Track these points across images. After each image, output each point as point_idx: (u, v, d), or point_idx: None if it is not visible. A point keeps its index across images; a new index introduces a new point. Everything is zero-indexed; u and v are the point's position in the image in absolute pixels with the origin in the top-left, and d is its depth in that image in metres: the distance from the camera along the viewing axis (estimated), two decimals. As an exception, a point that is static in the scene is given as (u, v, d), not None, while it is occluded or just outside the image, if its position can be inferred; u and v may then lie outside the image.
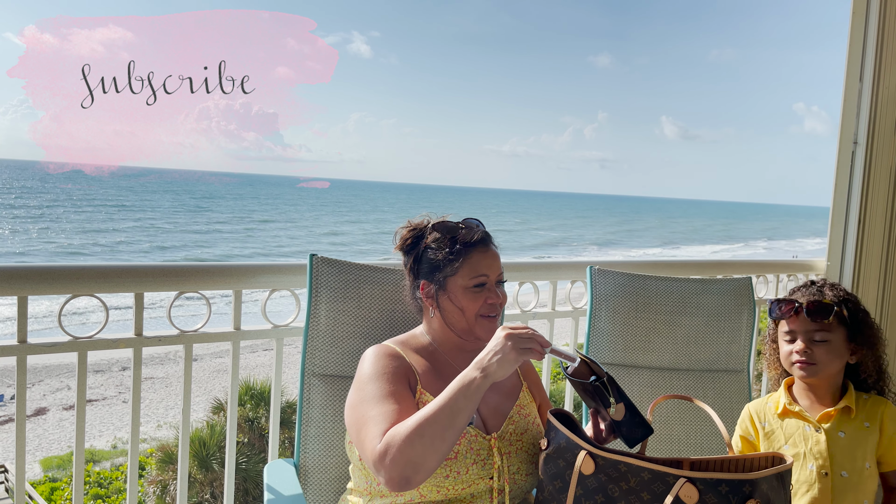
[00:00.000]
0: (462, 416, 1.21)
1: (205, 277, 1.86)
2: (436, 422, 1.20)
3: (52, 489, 10.95)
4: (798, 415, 1.62)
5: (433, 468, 1.21)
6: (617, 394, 1.29)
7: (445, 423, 1.20)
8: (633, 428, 1.30)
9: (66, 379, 15.97)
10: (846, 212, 3.07)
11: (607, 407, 1.30)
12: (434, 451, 1.20)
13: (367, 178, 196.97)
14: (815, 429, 1.58)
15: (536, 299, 2.38)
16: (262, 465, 8.49)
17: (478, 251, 1.47)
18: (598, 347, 2.11)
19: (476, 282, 1.46)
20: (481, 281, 1.46)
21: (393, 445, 1.21)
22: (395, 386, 1.36)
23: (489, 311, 1.47)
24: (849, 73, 3.00)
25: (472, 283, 1.45)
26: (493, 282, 1.48)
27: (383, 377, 1.37)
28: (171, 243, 36.39)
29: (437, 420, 1.20)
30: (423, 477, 1.21)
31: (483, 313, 1.46)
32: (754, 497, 1.12)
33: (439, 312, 1.49)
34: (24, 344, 1.66)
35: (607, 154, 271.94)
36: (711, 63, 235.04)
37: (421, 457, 1.19)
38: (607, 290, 2.13)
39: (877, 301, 3.20)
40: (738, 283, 2.24)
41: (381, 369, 1.39)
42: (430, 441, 1.19)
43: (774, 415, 1.66)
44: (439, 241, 1.49)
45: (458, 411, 1.21)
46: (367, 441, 1.27)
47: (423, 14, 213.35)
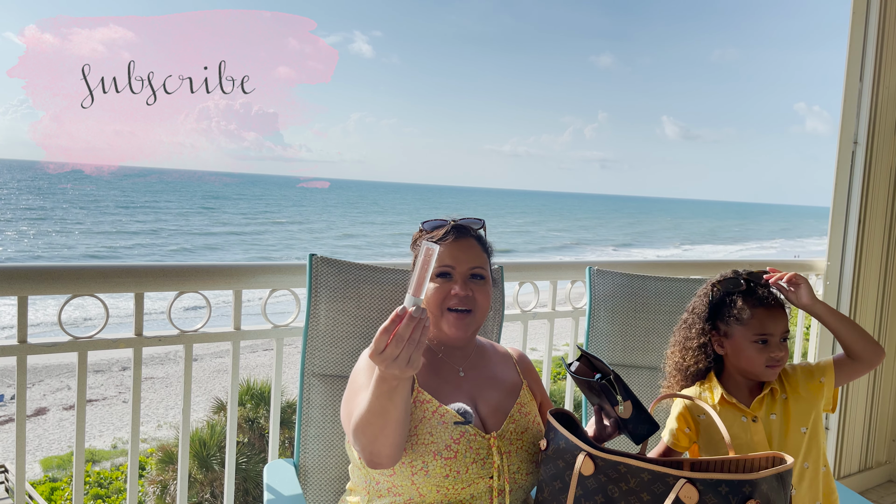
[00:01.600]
0: (391, 413, 1.17)
1: (205, 277, 1.86)
2: (369, 424, 1.20)
3: (52, 489, 10.95)
4: (735, 406, 1.57)
5: (392, 454, 1.25)
6: (624, 391, 1.29)
7: (379, 424, 1.19)
8: (639, 424, 1.30)
9: (66, 379, 15.97)
10: (846, 212, 3.08)
11: (614, 405, 1.29)
12: (383, 444, 1.22)
13: (367, 178, 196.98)
14: (751, 419, 1.55)
15: (536, 299, 2.38)
16: (262, 465, 8.50)
17: (446, 243, 1.45)
18: (598, 348, 2.11)
19: (438, 270, 1.43)
20: (444, 270, 1.43)
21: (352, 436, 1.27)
22: None
23: (456, 303, 1.42)
24: (849, 73, 3.00)
25: (435, 272, 1.42)
26: (461, 274, 1.44)
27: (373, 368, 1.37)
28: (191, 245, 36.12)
29: (371, 422, 1.20)
30: (388, 461, 1.26)
31: (450, 306, 1.42)
32: (754, 497, 1.12)
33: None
34: (24, 344, 1.66)
35: (608, 154, 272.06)
36: (713, 63, 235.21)
37: (373, 446, 1.23)
38: (606, 290, 2.13)
39: (877, 301, 3.20)
40: None
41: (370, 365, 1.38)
42: (373, 437, 1.22)
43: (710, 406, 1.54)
44: (424, 234, 1.52)
45: (384, 411, 1.17)
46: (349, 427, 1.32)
47: (426, 14, 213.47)
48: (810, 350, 3.21)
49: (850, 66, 2.99)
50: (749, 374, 1.58)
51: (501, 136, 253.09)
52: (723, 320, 1.59)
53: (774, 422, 1.55)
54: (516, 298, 2.34)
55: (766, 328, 1.53)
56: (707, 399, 1.60)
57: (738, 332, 1.56)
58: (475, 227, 1.53)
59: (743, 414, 1.56)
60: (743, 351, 1.55)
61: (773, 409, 1.56)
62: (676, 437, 1.62)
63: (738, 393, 1.59)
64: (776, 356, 1.53)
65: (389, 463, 1.26)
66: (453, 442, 1.32)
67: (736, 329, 1.56)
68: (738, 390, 1.60)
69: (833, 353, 3.06)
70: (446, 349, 1.50)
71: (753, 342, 1.54)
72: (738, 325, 1.56)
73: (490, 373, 1.51)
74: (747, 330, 1.54)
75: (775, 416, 1.56)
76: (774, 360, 1.53)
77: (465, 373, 1.48)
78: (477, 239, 1.51)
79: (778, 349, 1.53)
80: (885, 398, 3.36)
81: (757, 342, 1.53)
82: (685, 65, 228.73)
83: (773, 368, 1.54)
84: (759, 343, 1.53)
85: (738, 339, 1.56)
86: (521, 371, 1.57)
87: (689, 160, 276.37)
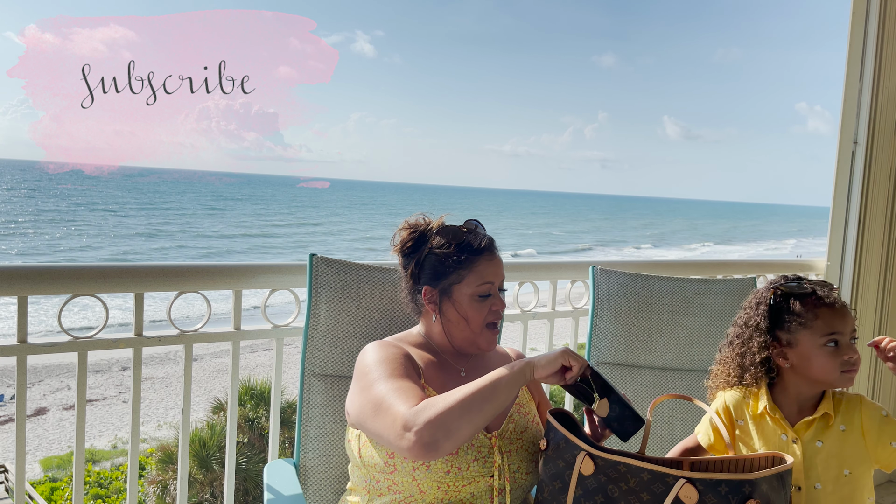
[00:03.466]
0: (502, 394, 1.24)
1: (205, 277, 1.86)
2: (478, 393, 1.22)
3: (52, 489, 10.95)
4: (777, 421, 1.43)
5: (465, 438, 1.20)
6: (600, 389, 1.29)
7: (487, 396, 1.22)
8: (623, 421, 1.30)
9: (66, 379, 15.97)
10: (846, 212, 3.08)
11: (590, 403, 1.30)
12: (470, 422, 1.20)
13: (367, 178, 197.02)
14: (791, 439, 1.41)
15: (536, 299, 2.38)
16: (262, 465, 8.50)
17: (484, 258, 1.46)
18: (601, 347, 2.12)
19: (482, 290, 1.45)
20: (487, 290, 1.45)
21: (430, 408, 1.20)
22: (406, 370, 1.36)
23: (494, 318, 1.47)
24: (849, 73, 3.00)
25: (478, 292, 1.44)
26: (497, 289, 1.48)
27: (393, 360, 1.37)
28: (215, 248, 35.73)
29: (481, 393, 1.22)
30: (452, 446, 1.19)
31: (488, 321, 1.46)
32: (754, 497, 1.12)
33: (441, 319, 1.48)
34: (24, 344, 1.66)
35: (608, 154, 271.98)
36: (715, 63, 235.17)
37: (457, 423, 1.19)
38: (609, 289, 2.14)
39: (877, 301, 3.20)
40: (741, 284, 2.25)
41: (389, 355, 1.39)
42: (469, 411, 1.20)
43: (750, 414, 1.47)
44: (444, 246, 1.46)
45: (499, 388, 1.23)
46: (393, 408, 1.24)
47: (427, 14, 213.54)
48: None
49: (849, 66, 2.99)
50: (824, 383, 1.42)
51: (502, 136, 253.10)
52: (783, 329, 1.43)
53: (820, 450, 1.40)
54: (516, 298, 2.34)
55: (834, 327, 1.38)
56: (749, 406, 1.47)
57: (805, 337, 1.40)
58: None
59: (784, 432, 1.42)
60: (813, 358, 1.40)
61: (822, 437, 1.41)
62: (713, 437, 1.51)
63: (787, 408, 1.45)
64: (851, 358, 1.38)
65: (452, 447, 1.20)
66: None
67: (801, 335, 1.41)
68: (787, 405, 1.45)
69: None
70: (447, 353, 1.50)
71: (824, 345, 1.39)
72: (803, 329, 1.40)
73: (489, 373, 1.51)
74: (814, 333, 1.39)
75: (821, 444, 1.40)
76: (849, 363, 1.38)
77: (467, 373, 1.49)
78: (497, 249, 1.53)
79: (851, 350, 1.39)
80: (885, 398, 3.36)
81: (827, 345, 1.39)
82: (686, 65, 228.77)
83: (850, 373, 1.38)
84: (830, 346, 1.38)
85: (805, 346, 1.41)
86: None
87: (691, 160, 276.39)
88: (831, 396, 1.44)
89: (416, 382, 1.34)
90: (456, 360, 1.50)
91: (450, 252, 1.45)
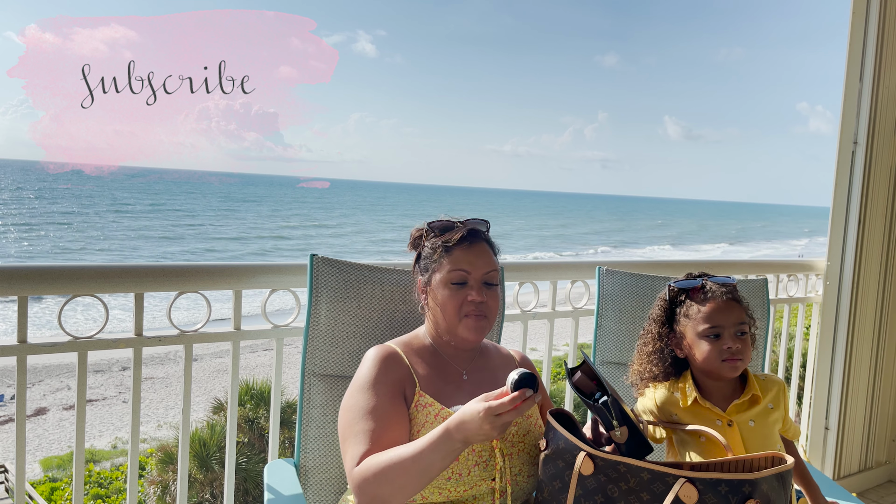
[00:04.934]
0: (433, 470, 1.21)
1: (205, 277, 1.86)
2: (406, 472, 1.21)
3: (52, 489, 10.95)
4: (709, 409, 1.52)
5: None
6: (620, 415, 1.26)
7: (415, 475, 1.21)
8: (633, 447, 1.27)
9: (66, 379, 15.97)
10: (846, 212, 3.07)
11: (609, 429, 1.27)
12: (401, 494, 1.23)
13: (367, 179, 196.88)
14: (726, 423, 1.50)
15: (536, 299, 2.38)
16: (262, 465, 8.49)
17: (461, 247, 1.44)
18: (605, 346, 2.13)
19: (455, 277, 1.42)
20: (461, 277, 1.42)
21: (364, 478, 1.25)
22: (387, 398, 1.36)
23: (473, 310, 1.42)
24: (849, 73, 3.00)
25: (451, 279, 1.42)
26: (476, 280, 1.44)
27: (376, 386, 1.38)
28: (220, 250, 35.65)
29: (408, 471, 1.21)
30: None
31: (467, 312, 1.42)
32: (754, 497, 1.12)
33: (427, 311, 1.50)
34: (24, 344, 1.66)
35: (609, 154, 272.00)
36: (716, 63, 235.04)
37: (388, 496, 1.23)
38: (615, 289, 2.15)
39: (877, 301, 3.20)
40: (753, 285, 2.26)
41: (377, 377, 1.39)
42: (399, 487, 1.22)
43: (681, 407, 1.54)
44: (431, 237, 1.49)
45: (429, 466, 1.21)
46: (346, 458, 1.34)
47: (428, 14, 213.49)
48: (810, 350, 3.21)
49: (849, 66, 2.99)
50: (709, 372, 1.53)
51: (502, 136, 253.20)
52: (676, 321, 1.57)
53: (753, 429, 1.51)
54: (516, 298, 2.34)
55: (714, 320, 1.49)
56: (679, 400, 1.55)
57: (689, 328, 1.53)
58: (486, 230, 1.53)
59: (718, 417, 1.51)
60: (695, 347, 1.52)
61: (753, 416, 1.52)
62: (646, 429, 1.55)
63: (714, 397, 1.54)
64: (730, 348, 1.48)
65: None
66: None
67: (685, 326, 1.54)
68: (713, 394, 1.55)
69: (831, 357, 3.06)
70: (448, 351, 1.50)
71: (704, 336, 1.50)
72: (687, 320, 1.53)
73: (492, 375, 1.51)
74: (696, 324, 1.51)
75: (754, 424, 1.51)
76: (730, 352, 1.48)
77: (469, 375, 1.49)
78: (488, 243, 1.51)
79: (732, 341, 1.48)
80: (885, 398, 3.36)
81: (708, 336, 1.50)
82: (687, 65, 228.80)
83: (731, 362, 1.48)
84: (710, 337, 1.50)
85: (689, 336, 1.53)
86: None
87: (692, 160, 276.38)
88: (755, 379, 1.57)
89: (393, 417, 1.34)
90: (456, 361, 1.50)
91: (434, 243, 1.47)
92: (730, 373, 1.51)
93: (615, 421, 1.26)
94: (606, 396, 1.26)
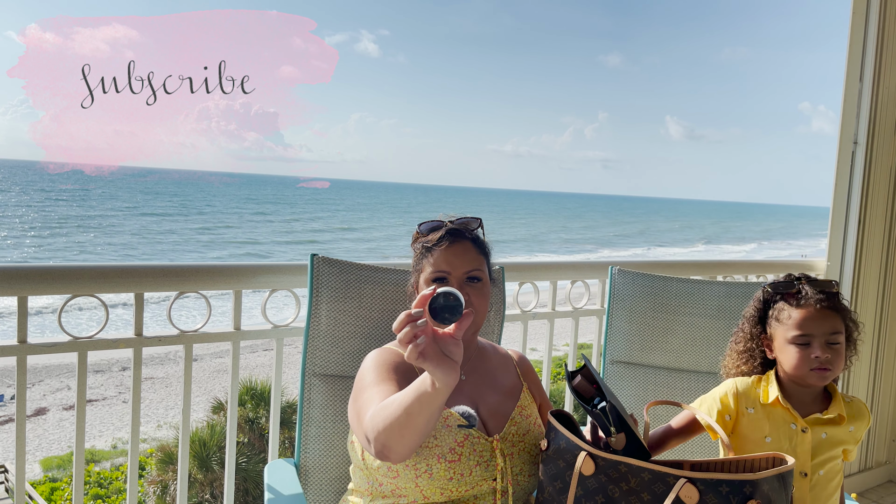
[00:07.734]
0: (419, 418, 1.12)
1: (205, 277, 1.86)
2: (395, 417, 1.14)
3: (52, 489, 10.95)
4: (788, 410, 1.49)
5: (406, 453, 1.19)
6: (618, 422, 1.25)
7: (403, 423, 1.14)
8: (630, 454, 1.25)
9: (66, 379, 15.97)
10: (846, 212, 3.07)
11: (608, 435, 1.26)
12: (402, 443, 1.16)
13: (367, 179, 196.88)
14: (801, 429, 1.48)
15: (536, 299, 2.38)
16: (262, 465, 8.50)
17: (441, 248, 1.43)
18: (616, 345, 2.14)
19: (435, 276, 1.42)
20: (440, 276, 1.42)
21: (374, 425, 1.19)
22: (396, 374, 1.36)
23: None
24: (849, 74, 3.00)
25: (431, 278, 1.42)
26: (458, 279, 1.42)
27: (383, 365, 1.38)
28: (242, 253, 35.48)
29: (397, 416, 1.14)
30: (399, 458, 1.19)
31: None
32: (755, 498, 1.12)
33: None
34: (24, 344, 1.66)
35: (610, 154, 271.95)
36: (718, 63, 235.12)
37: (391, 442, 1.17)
38: (627, 289, 2.15)
39: (877, 301, 3.20)
40: (753, 286, 2.25)
41: (383, 361, 1.39)
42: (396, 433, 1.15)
43: (761, 402, 1.52)
44: (420, 239, 1.49)
45: (413, 414, 1.12)
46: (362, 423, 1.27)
47: (429, 14, 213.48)
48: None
49: (850, 67, 2.99)
50: (796, 378, 1.50)
51: (503, 136, 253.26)
52: (768, 322, 1.55)
53: (824, 441, 1.48)
54: (516, 298, 2.34)
55: (804, 328, 1.46)
56: (759, 395, 1.53)
57: (779, 332, 1.51)
58: (472, 228, 1.51)
59: (794, 421, 1.48)
60: (785, 352, 1.49)
61: (826, 430, 1.49)
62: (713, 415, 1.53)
63: (794, 399, 1.51)
64: (819, 358, 1.44)
65: (398, 460, 1.21)
66: (457, 445, 1.32)
67: (776, 329, 1.52)
68: (793, 397, 1.52)
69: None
70: None
71: (793, 342, 1.47)
72: (778, 324, 1.51)
73: (490, 375, 1.51)
74: (786, 330, 1.48)
75: (826, 436, 1.48)
76: (818, 361, 1.44)
77: (467, 375, 1.48)
78: (473, 241, 1.48)
79: (821, 350, 1.44)
80: (885, 398, 3.36)
81: (797, 343, 1.47)
82: (689, 65, 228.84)
83: (820, 372, 1.45)
84: (799, 345, 1.46)
85: (779, 340, 1.51)
86: (521, 373, 1.57)
87: (694, 160, 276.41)
88: (841, 399, 1.53)
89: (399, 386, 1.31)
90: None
91: (418, 245, 1.48)
92: (817, 381, 1.48)
93: (612, 427, 1.25)
94: (605, 402, 1.25)
